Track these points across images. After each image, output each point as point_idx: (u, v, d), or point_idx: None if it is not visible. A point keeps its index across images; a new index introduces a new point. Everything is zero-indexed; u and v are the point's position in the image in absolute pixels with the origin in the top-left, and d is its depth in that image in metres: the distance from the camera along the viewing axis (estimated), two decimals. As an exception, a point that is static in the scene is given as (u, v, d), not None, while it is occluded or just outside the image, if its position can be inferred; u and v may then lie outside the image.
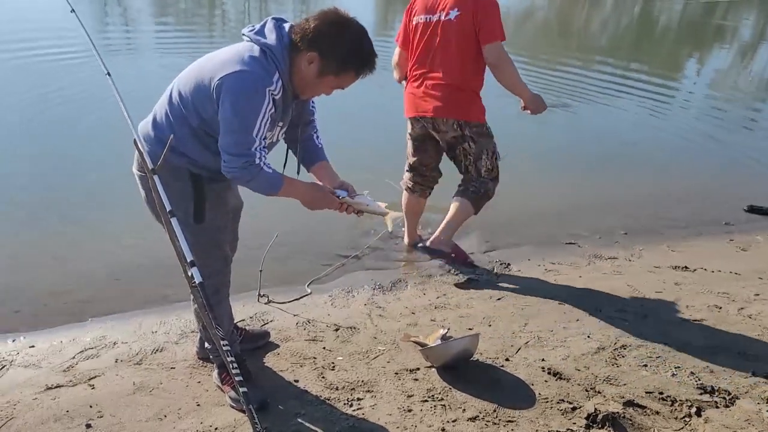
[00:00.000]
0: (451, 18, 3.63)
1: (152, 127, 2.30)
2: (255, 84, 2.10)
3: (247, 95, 2.10)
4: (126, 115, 2.21)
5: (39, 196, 4.50)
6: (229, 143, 2.15)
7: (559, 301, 3.64)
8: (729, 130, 7.97)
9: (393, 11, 17.47)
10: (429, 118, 3.83)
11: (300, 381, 2.78)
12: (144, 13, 12.92)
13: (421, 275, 3.97)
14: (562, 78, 9.62)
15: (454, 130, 3.82)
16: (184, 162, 2.28)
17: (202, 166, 2.31)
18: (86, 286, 3.57)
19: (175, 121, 2.25)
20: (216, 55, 2.23)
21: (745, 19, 22.36)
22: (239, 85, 2.09)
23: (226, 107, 2.10)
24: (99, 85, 2.39)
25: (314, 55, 2.16)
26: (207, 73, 2.16)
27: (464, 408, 2.62)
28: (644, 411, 2.62)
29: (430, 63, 3.78)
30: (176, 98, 2.24)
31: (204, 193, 2.35)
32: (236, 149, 2.14)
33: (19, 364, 2.87)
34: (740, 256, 4.55)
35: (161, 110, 2.29)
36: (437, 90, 3.77)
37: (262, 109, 2.12)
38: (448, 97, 3.75)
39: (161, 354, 2.97)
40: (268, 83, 2.12)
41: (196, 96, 2.18)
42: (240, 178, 2.22)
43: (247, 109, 2.11)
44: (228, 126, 2.13)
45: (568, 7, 22.12)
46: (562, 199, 5.28)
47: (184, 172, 2.30)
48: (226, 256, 2.58)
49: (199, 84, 2.17)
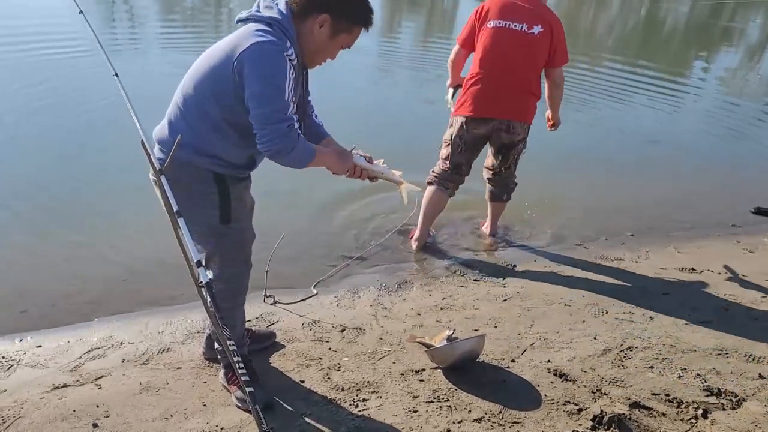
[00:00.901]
0: (534, 33, 3.86)
1: (168, 132, 2.30)
2: (274, 50, 2.11)
3: (271, 61, 2.11)
4: (134, 117, 2.21)
5: (47, 197, 4.51)
6: (266, 113, 2.13)
7: (565, 303, 3.64)
8: (736, 132, 7.95)
9: (399, 11, 17.49)
10: (505, 120, 3.96)
11: (306, 381, 2.78)
12: (150, 12, 12.95)
13: (427, 276, 3.97)
14: (568, 79, 9.59)
15: (524, 133, 4.08)
16: (207, 163, 2.28)
17: (226, 162, 2.30)
18: (93, 286, 3.59)
19: (192, 120, 2.24)
20: (221, 43, 2.23)
21: (753, 20, 22.27)
22: (260, 55, 2.10)
23: (252, 81, 2.10)
24: (110, 86, 2.39)
25: (325, 17, 2.20)
26: (219, 58, 2.16)
27: (470, 409, 2.62)
28: (650, 413, 2.62)
29: (506, 68, 3.92)
30: (190, 95, 2.23)
31: (229, 193, 2.35)
32: (275, 116, 2.13)
33: (26, 363, 2.88)
34: (747, 257, 4.53)
35: (175, 113, 2.29)
36: (520, 94, 3.97)
37: (286, 73, 2.13)
38: (526, 102, 4.00)
39: (167, 354, 2.98)
40: (284, 48, 2.14)
41: (213, 83, 2.18)
42: (283, 148, 2.18)
43: (274, 74, 2.11)
44: (260, 98, 2.11)
45: (575, 8, 22.08)
46: (568, 201, 5.27)
47: (208, 174, 2.30)
48: (248, 260, 2.58)
49: (214, 70, 2.17)
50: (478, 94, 3.96)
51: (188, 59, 2.41)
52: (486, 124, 3.99)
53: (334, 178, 2.71)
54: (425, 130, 5.79)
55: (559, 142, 6.41)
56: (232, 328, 2.57)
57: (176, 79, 2.35)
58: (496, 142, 4.10)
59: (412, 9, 18.26)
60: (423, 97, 7.96)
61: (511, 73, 3.91)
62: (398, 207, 4.76)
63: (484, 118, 3.98)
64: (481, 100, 3.96)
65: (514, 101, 3.96)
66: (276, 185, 4.37)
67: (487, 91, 3.95)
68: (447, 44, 12.84)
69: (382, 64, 9.78)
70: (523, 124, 4.03)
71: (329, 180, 5.05)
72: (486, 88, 3.94)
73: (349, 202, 4.83)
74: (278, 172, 2.60)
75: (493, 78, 3.92)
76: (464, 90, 4.04)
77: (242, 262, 2.54)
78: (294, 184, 4.93)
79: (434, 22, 16.70)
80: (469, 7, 20.58)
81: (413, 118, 7.15)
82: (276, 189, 4.45)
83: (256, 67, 2.10)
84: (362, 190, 4.99)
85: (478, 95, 3.96)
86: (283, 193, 4.68)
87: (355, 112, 6.72)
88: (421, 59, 10.51)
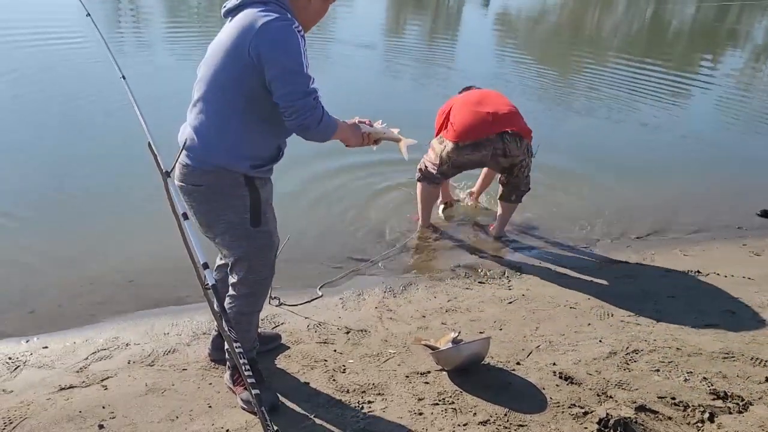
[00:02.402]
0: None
1: (198, 138, 2.26)
2: (285, 25, 2.14)
3: (286, 36, 2.13)
4: (141, 119, 2.22)
5: (54, 199, 4.53)
6: (292, 89, 2.14)
7: (571, 305, 3.63)
8: (742, 135, 7.93)
9: (405, 12, 17.51)
10: (501, 146, 4.03)
11: (311, 383, 2.78)
12: (155, 14, 12.98)
13: (432, 278, 3.97)
14: (573, 83, 9.60)
15: (523, 154, 4.12)
16: (239, 166, 2.27)
17: (258, 156, 2.31)
18: (100, 287, 3.60)
19: (220, 121, 2.24)
20: (225, 36, 2.22)
21: (758, 22, 22.21)
22: (275, 33, 2.12)
23: (272, 60, 2.11)
24: (117, 88, 2.40)
25: None
26: (232, 48, 2.16)
27: (475, 412, 2.62)
28: (656, 416, 2.61)
29: (484, 97, 4.21)
30: (212, 94, 2.23)
31: (260, 196, 2.36)
32: (302, 89, 2.15)
33: (32, 364, 2.89)
34: (753, 260, 4.51)
35: (200, 118, 2.26)
36: (507, 107, 4.15)
37: (300, 47, 2.15)
38: (516, 115, 4.14)
39: (173, 355, 2.98)
40: (292, 22, 2.17)
41: (233, 72, 2.18)
42: (312, 121, 2.20)
43: (293, 50, 2.13)
44: (283, 75, 2.13)
45: (580, 9, 22.06)
46: (573, 204, 5.26)
47: (239, 178, 2.30)
48: (273, 265, 2.55)
49: (230, 61, 2.17)
50: (464, 117, 4.09)
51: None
52: (479, 151, 4.04)
53: (338, 177, 2.72)
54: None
55: (565, 145, 6.42)
56: (246, 331, 2.58)
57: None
58: (495, 167, 4.21)
59: (417, 11, 18.27)
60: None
61: (492, 100, 4.18)
62: (403, 209, 4.78)
63: (483, 140, 4.04)
64: (471, 123, 4.06)
65: (502, 115, 4.06)
66: (281, 186, 4.36)
67: (476, 113, 4.09)
68: (451, 43, 12.87)
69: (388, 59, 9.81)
70: (520, 142, 4.07)
71: (333, 180, 5.15)
72: (471, 114, 4.10)
73: (354, 203, 4.84)
74: (283, 172, 2.60)
75: (472, 105, 4.14)
76: (445, 120, 4.22)
77: (269, 267, 2.53)
78: (299, 185, 4.95)
79: (439, 22, 16.71)
80: (473, 8, 20.60)
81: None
82: (281, 190, 4.42)
83: (274, 46, 2.11)
84: (367, 192, 5.01)
85: (465, 117, 4.09)
86: (288, 194, 4.70)
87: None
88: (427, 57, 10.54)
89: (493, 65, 11.00)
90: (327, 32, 11.71)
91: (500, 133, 4.02)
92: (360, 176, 5.24)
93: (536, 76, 10.11)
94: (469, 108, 4.13)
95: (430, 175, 4.28)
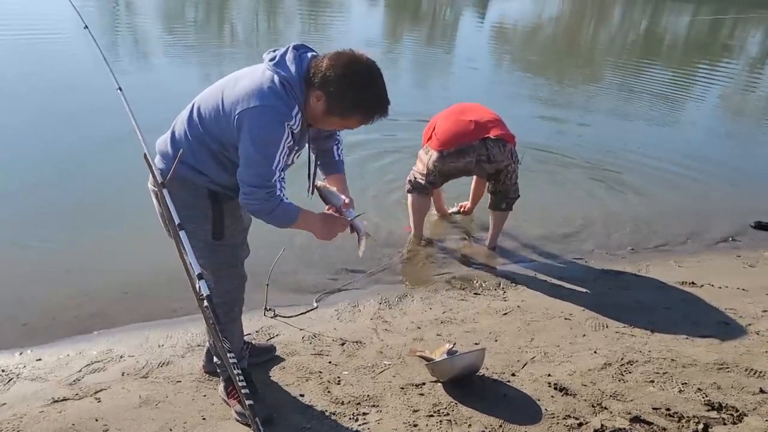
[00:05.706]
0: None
1: (171, 145, 2.31)
2: (274, 119, 2.11)
3: (268, 130, 2.11)
4: (137, 130, 2.23)
5: (48, 211, 4.51)
6: (251, 175, 2.15)
7: (566, 317, 3.64)
8: (736, 147, 7.99)
9: (402, 22, 17.60)
10: (485, 152, 4.06)
11: (306, 395, 2.78)
12: (152, 25, 13.01)
13: (427, 290, 3.97)
14: (568, 91, 9.66)
15: (507, 159, 4.13)
16: (203, 180, 2.29)
17: (221, 184, 2.31)
18: (94, 299, 3.59)
19: (194, 141, 2.25)
20: (238, 80, 2.21)
21: (752, 36, 22.38)
22: (259, 121, 2.10)
23: (246, 142, 2.11)
24: (112, 98, 2.41)
25: (321, 94, 2.15)
26: (228, 101, 2.16)
27: (470, 423, 2.61)
28: (651, 427, 2.61)
29: (465, 108, 4.32)
30: (196, 119, 2.24)
31: (223, 210, 2.36)
32: (257, 181, 2.15)
33: (25, 377, 2.88)
34: (747, 272, 4.53)
35: (180, 128, 2.29)
36: (489, 114, 4.23)
37: (281, 143, 2.13)
38: (499, 123, 4.19)
39: (167, 367, 2.97)
40: (287, 118, 2.12)
41: (217, 122, 2.19)
42: (260, 210, 2.21)
43: (267, 143, 2.11)
44: (248, 159, 2.14)
45: (575, 24, 22.21)
46: (568, 215, 5.27)
47: (203, 190, 2.31)
48: (242, 275, 2.58)
49: (219, 111, 2.17)
50: (447, 126, 4.16)
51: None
52: (468, 155, 4.09)
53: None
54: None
55: (560, 155, 6.45)
56: (230, 340, 2.57)
57: (178, 94, 2.37)
58: (482, 174, 4.24)
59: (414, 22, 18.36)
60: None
61: (474, 109, 4.24)
62: (397, 220, 4.78)
63: (466, 147, 4.08)
64: (453, 130, 4.13)
65: (484, 122, 4.13)
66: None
67: (457, 122, 4.17)
68: (447, 51, 12.93)
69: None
70: (503, 147, 4.10)
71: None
72: (450, 121, 4.19)
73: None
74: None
75: (455, 115, 4.22)
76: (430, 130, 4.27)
77: (236, 276, 2.54)
78: (293, 198, 4.94)
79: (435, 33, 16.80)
80: (469, 18, 20.72)
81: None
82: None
83: (252, 132, 2.10)
84: (362, 202, 5.00)
85: (447, 126, 4.16)
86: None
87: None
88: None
89: (488, 75, 11.10)
90: (324, 43, 11.76)
91: (483, 139, 4.07)
92: (354, 188, 5.23)
93: (531, 87, 10.16)
94: (452, 118, 4.21)
95: (419, 186, 4.32)
